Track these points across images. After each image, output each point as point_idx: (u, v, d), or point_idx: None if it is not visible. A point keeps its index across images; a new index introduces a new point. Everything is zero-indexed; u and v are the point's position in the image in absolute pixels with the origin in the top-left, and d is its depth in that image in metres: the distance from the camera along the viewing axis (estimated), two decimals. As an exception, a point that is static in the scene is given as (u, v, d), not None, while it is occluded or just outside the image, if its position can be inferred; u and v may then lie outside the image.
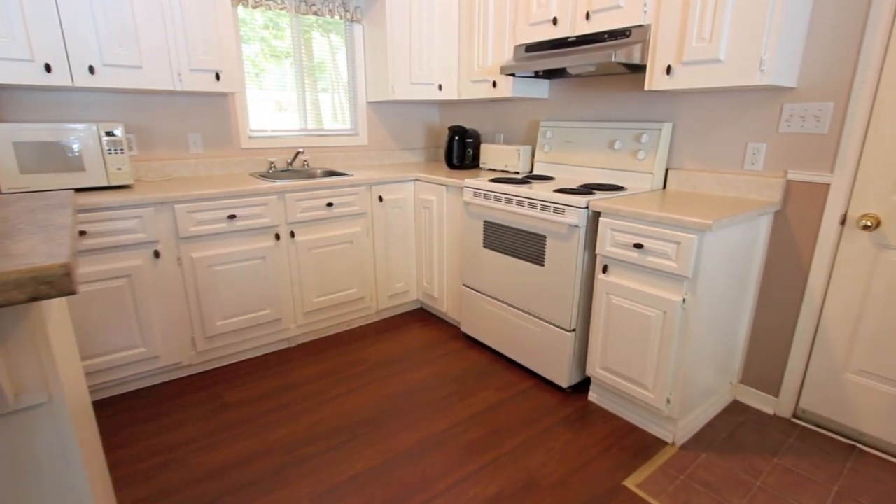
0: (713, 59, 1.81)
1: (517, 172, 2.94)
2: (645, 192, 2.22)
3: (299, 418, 2.06)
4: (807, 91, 1.87)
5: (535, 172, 2.87)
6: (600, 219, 1.93)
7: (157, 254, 2.12)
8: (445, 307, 2.95)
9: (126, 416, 2.08)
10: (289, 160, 3.03)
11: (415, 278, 3.12)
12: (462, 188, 2.61)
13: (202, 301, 2.30)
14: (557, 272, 2.11)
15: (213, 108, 2.75)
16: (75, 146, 2.07)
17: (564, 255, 2.06)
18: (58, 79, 2.04)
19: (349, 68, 3.25)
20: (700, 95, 2.16)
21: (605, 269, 1.97)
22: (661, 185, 2.32)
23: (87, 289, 1.99)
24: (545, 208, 2.10)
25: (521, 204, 2.22)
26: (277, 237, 2.46)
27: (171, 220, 2.15)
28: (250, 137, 2.92)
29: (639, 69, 2.19)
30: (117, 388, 2.23)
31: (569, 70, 2.34)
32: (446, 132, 3.37)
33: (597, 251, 1.97)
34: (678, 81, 1.93)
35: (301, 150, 2.95)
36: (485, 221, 2.47)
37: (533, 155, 3.00)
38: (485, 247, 2.50)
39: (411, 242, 3.03)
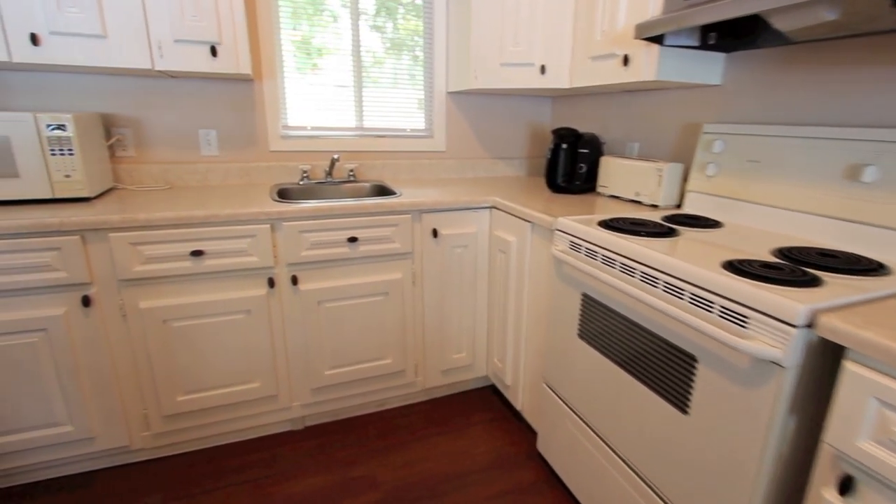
0: None
1: (655, 206, 1.81)
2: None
3: None
4: None
5: (688, 210, 1.71)
6: (846, 365, 0.78)
7: (86, 301, 1.49)
8: (520, 402, 1.95)
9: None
10: (327, 168, 2.28)
11: (484, 349, 2.16)
12: (553, 231, 1.58)
13: (155, 368, 1.63)
14: (718, 435, 0.99)
15: (235, 97, 2.10)
16: (3, 144, 1.52)
17: (738, 410, 0.94)
18: (-11, 52, 1.50)
19: (425, 47, 2.39)
20: None
21: (845, 487, 0.80)
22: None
23: (-23, 347, 1.42)
24: (702, 303, 0.99)
25: (649, 281, 1.13)
26: (271, 283, 1.70)
27: (108, 254, 1.50)
28: (283, 137, 2.22)
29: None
30: (36, 474, 1.65)
31: (777, 25, 1.19)
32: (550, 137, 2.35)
33: (826, 438, 0.81)
34: None
35: (337, 156, 2.17)
36: (584, 295, 1.42)
37: (685, 179, 1.84)
38: (581, 336, 1.45)
39: (482, 299, 2.08)
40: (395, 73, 2.36)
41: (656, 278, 1.11)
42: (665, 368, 1.12)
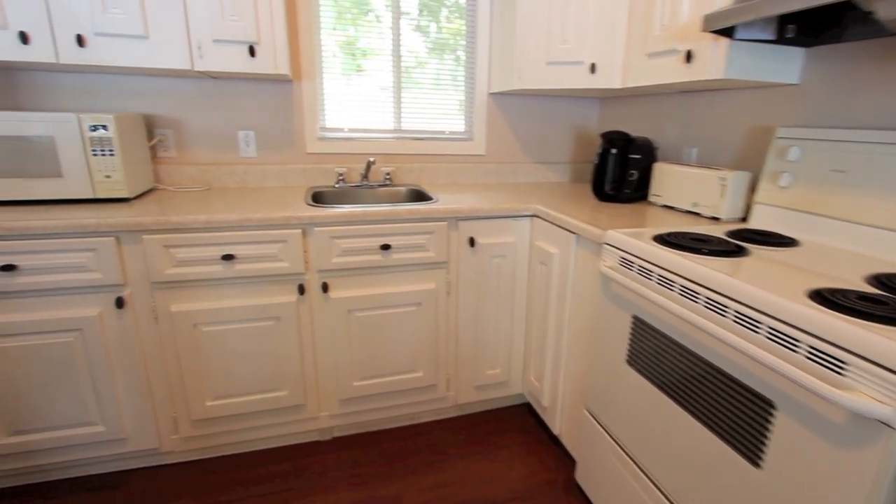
0: None
1: (716, 218, 1.64)
2: None
3: None
4: None
5: (755, 225, 1.53)
6: None
7: (120, 302, 1.48)
8: (558, 426, 1.82)
9: (58, 522, 1.48)
10: (363, 171, 2.21)
11: (520, 366, 2.04)
12: (601, 245, 1.45)
13: (185, 371, 1.61)
14: (801, 499, 0.84)
15: (273, 98, 2.08)
16: (48, 144, 1.53)
17: (830, 472, 0.79)
18: (37, 52, 1.52)
19: (467, 47, 2.30)
20: None
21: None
22: None
23: (15, 343, 1.43)
24: (784, 340, 0.84)
25: (716, 309, 0.99)
26: (302, 290, 1.65)
27: (142, 256, 1.49)
28: (320, 139, 2.19)
29: None
30: (68, 472, 1.67)
31: (878, 13, 1.01)
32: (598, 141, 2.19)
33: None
34: None
35: (373, 159, 2.11)
36: (635, 318, 1.28)
37: (752, 190, 1.66)
38: (630, 363, 1.31)
39: (519, 313, 1.96)
40: (437, 74, 2.28)
41: (725, 306, 0.96)
42: (733, 411, 0.98)
